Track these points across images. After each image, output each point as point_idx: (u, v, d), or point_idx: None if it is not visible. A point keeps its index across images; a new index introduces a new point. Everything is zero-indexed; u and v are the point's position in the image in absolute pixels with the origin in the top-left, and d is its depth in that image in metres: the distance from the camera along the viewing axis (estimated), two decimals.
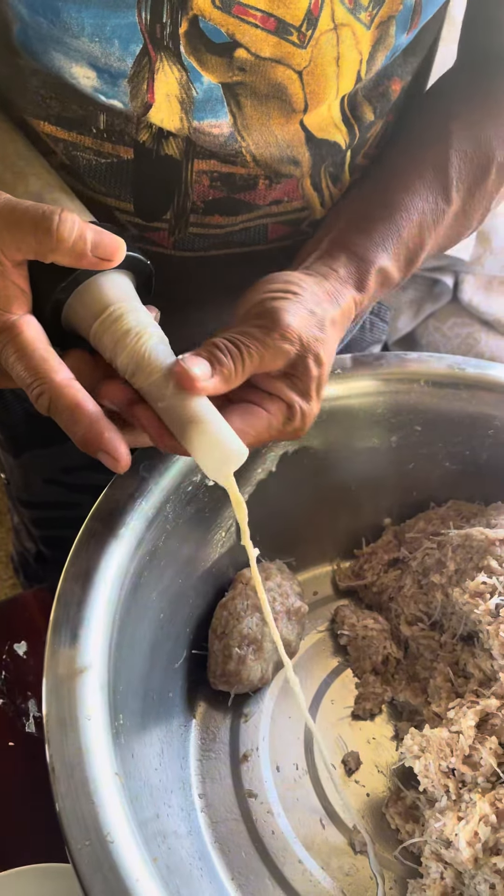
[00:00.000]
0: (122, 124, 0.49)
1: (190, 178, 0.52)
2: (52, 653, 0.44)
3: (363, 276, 0.50)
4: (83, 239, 0.40)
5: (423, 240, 0.54)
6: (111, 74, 0.46)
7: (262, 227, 0.57)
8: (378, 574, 0.64)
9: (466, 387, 0.62)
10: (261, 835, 0.52)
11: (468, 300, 1.48)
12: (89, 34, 0.44)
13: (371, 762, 0.56)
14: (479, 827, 0.46)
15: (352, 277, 0.50)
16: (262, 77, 0.47)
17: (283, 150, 0.51)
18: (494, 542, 0.57)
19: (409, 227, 0.53)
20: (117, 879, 0.36)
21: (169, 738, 0.53)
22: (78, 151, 0.51)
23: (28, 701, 0.61)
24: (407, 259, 0.54)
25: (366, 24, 0.47)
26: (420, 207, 0.53)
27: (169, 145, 0.50)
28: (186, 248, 0.57)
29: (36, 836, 0.54)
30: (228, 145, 0.50)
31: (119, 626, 0.47)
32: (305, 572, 0.66)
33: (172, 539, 0.54)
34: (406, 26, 0.48)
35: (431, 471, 0.66)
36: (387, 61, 0.50)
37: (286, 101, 0.48)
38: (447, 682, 0.56)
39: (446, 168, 0.54)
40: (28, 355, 0.40)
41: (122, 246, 0.42)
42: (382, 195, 0.54)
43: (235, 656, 0.55)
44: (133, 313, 0.43)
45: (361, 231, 0.52)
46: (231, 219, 0.55)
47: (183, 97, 0.47)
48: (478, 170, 0.55)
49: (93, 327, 0.43)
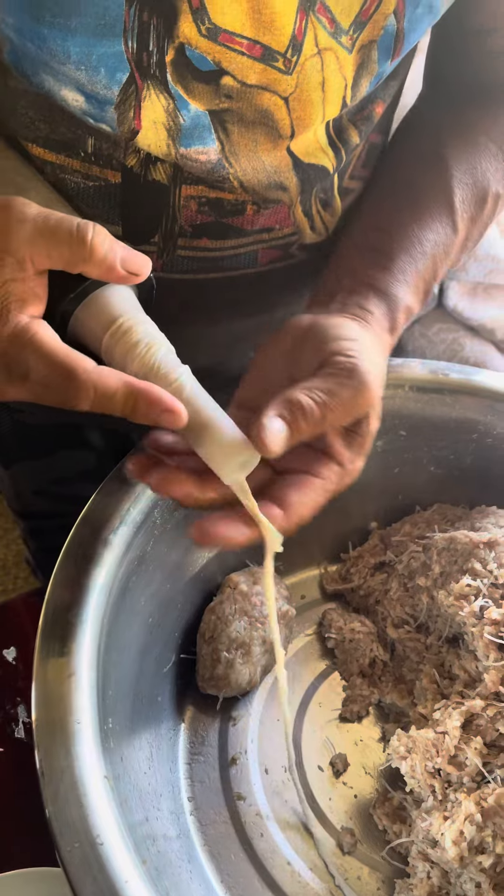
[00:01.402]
0: (109, 148, 0.50)
1: (178, 203, 0.52)
2: (42, 658, 0.44)
3: (395, 317, 0.51)
4: (114, 252, 0.40)
5: (437, 271, 0.55)
6: (98, 101, 0.46)
7: (252, 253, 0.57)
8: (365, 577, 0.65)
9: (450, 392, 0.63)
10: (249, 837, 0.53)
11: (453, 306, 1.49)
12: (75, 62, 0.44)
13: (358, 764, 0.57)
14: (465, 826, 0.47)
15: (387, 320, 0.50)
16: (248, 104, 0.47)
17: (270, 176, 0.52)
18: (478, 545, 0.58)
19: (424, 261, 0.53)
20: (107, 881, 0.37)
21: (158, 742, 0.53)
22: (66, 174, 0.52)
23: (17, 707, 0.61)
24: (424, 292, 0.54)
25: (347, 47, 0.47)
26: (433, 240, 0.54)
27: (157, 170, 0.50)
28: (175, 271, 0.57)
29: (25, 840, 0.54)
30: (216, 171, 0.50)
31: (108, 631, 0.47)
32: (293, 576, 0.67)
33: (160, 544, 0.54)
34: (389, 53, 0.49)
35: (416, 475, 0.66)
36: (371, 88, 0.51)
37: (273, 127, 0.49)
38: (433, 683, 0.56)
39: (451, 200, 0.55)
40: (49, 353, 0.39)
41: (149, 263, 0.42)
42: (395, 230, 0.54)
43: (224, 660, 0.56)
44: (141, 325, 0.43)
45: (382, 267, 0.52)
46: (219, 242, 0.55)
47: (170, 124, 0.47)
48: (477, 200, 0.56)
49: (104, 339, 0.43)
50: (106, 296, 0.44)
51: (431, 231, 0.54)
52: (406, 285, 0.52)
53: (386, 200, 0.56)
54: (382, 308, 0.50)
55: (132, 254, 0.41)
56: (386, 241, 0.53)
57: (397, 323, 0.51)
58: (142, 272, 0.42)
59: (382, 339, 0.49)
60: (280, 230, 0.56)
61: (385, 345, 0.50)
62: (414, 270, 0.53)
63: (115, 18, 0.42)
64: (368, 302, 0.50)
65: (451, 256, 0.56)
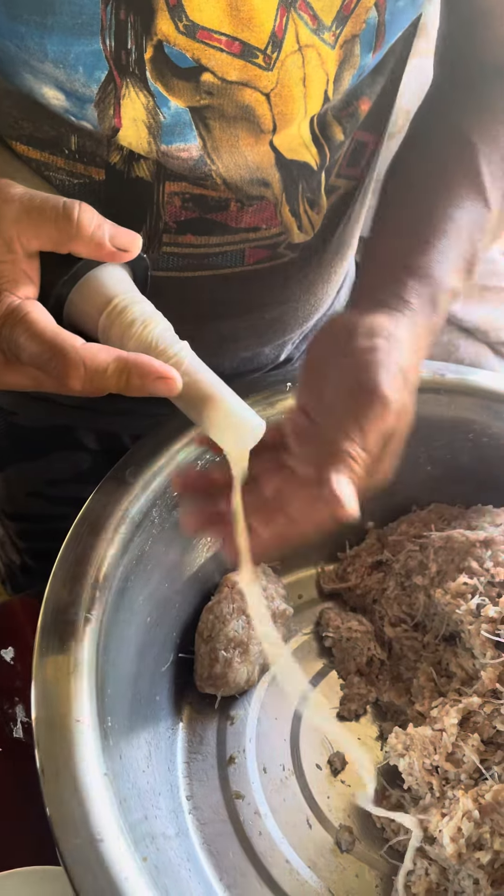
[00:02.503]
0: (93, 146, 0.50)
1: (162, 200, 0.52)
2: (41, 656, 0.44)
3: (436, 299, 0.50)
4: (102, 228, 0.40)
5: (476, 249, 0.54)
6: (78, 98, 0.46)
7: (239, 252, 0.57)
8: (362, 577, 0.65)
9: (446, 392, 0.64)
10: (248, 836, 0.53)
11: None
12: (53, 60, 0.44)
13: (357, 762, 0.57)
14: (463, 823, 0.47)
15: (428, 305, 0.50)
16: (229, 100, 0.47)
17: (252, 173, 0.52)
18: (475, 544, 0.58)
19: (461, 239, 0.53)
20: (107, 878, 0.37)
21: (156, 741, 0.53)
22: (50, 172, 0.52)
23: (15, 707, 0.61)
24: (466, 271, 0.54)
25: (330, 43, 0.47)
26: (466, 218, 0.54)
27: (140, 167, 0.50)
28: (161, 268, 0.57)
29: (24, 839, 0.54)
30: (198, 168, 0.50)
31: (107, 630, 0.47)
32: (290, 576, 0.67)
33: (159, 544, 0.54)
34: (371, 46, 0.49)
35: (413, 475, 0.67)
36: (354, 81, 0.51)
37: (254, 122, 0.49)
38: (430, 681, 0.57)
39: (479, 175, 0.55)
40: (40, 332, 0.39)
41: (139, 239, 0.42)
42: (429, 211, 0.54)
43: (222, 659, 0.56)
44: (137, 304, 0.43)
45: (419, 251, 0.52)
46: (204, 239, 0.55)
47: (150, 122, 0.47)
48: None
49: (100, 321, 0.43)
50: (100, 277, 0.44)
51: (464, 210, 0.54)
52: (447, 265, 0.51)
53: (415, 185, 0.56)
54: (423, 294, 0.50)
55: (121, 230, 0.41)
56: (420, 225, 0.53)
57: (440, 306, 0.50)
58: (132, 248, 0.42)
59: (424, 326, 0.49)
60: (267, 229, 0.56)
61: (426, 332, 0.49)
62: (453, 250, 0.52)
63: (92, 17, 0.42)
64: (407, 290, 0.50)
65: (488, 233, 0.56)
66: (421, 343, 0.49)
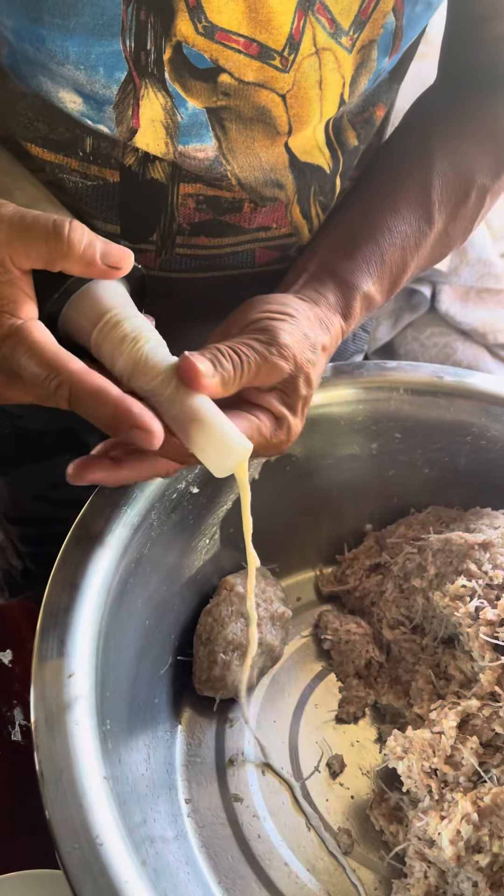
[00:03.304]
0: (108, 148, 0.50)
1: (176, 201, 0.53)
2: (40, 659, 0.44)
3: (349, 303, 0.52)
4: (93, 246, 0.40)
5: (406, 263, 0.55)
6: (96, 101, 0.47)
7: (250, 252, 0.57)
8: (360, 579, 0.65)
9: (445, 395, 0.64)
10: (247, 838, 0.53)
11: (445, 310, 1.50)
12: (74, 62, 0.44)
13: (355, 765, 0.57)
14: (462, 825, 0.47)
15: (339, 305, 0.52)
16: (246, 101, 0.47)
17: (266, 174, 0.52)
18: (473, 546, 0.58)
19: (391, 251, 0.54)
20: (107, 882, 0.37)
21: (155, 744, 0.53)
22: (64, 174, 0.52)
23: (13, 709, 0.61)
24: (390, 282, 0.55)
25: (347, 48, 0.48)
26: (403, 230, 0.54)
27: (155, 169, 0.51)
28: (173, 269, 0.57)
29: (22, 843, 0.54)
30: (214, 169, 0.51)
31: (105, 633, 0.47)
32: (289, 578, 0.67)
33: (157, 546, 0.54)
34: (387, 50, 0.50)
35: (411, 477, 0.67)
36: (370, 85, 0.51)
37: (270, 124, 0.49)
38: (429, 684, 0.57)
39: (429, 191, 0.55)
40: (40, 351, 0.39)
41: (130, 256, 0.42)
42: (366, 217, 0.55)
43: (220, 662, 0.56)
44: (130, 319, 0.43)
45: (346, 255, 0.53)
46: (217, 240, 0.56)
47: (168, 122, 0.48)
48: (459, 192, 0.57)
49: (92, 335, 0.43)
50: (94, 291, 0.44)
51: (404, 222, 0.55)
52: (367, 274, 0.53)
53: (366, 190, 0.57)
54: (338, 294, 0.52)
55: (112, 247, 0.41)
56: (356, 229, 0.54)
57: (352, 311, 0.52)
58: (122, 265, 0.42)
59: (330, 320, 0.50)
60: (277, 229, 0.57)
61: (334, 325, 0.51)
62: (379, 261, 0.53)
63: (113, 18, 0.43)
64: (324, 287, 0.52)
65: (426, 250, 0.56)
66: (330, 328, 0.50)
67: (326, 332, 0.50)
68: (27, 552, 0.85)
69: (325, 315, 0.50)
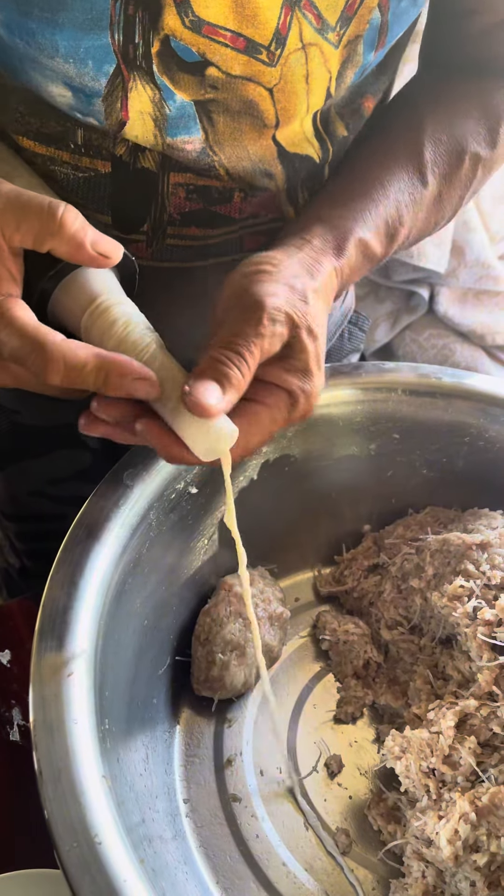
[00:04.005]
0: (99, 139, 0.50)
1: (166, 191, 0.53)
2: (39, 658, 0.44)
3: (341, 242, 0.50)
4: (84, 230, 0.41)
5: (402, 216, 0.54)
6: (86, 94, 0.47)
7: (237, 239, 0.58)
8: (358, 580, 0.65)
9: (443, 396, 0.64)
10: (245, 838, 0.53)
11: (443, 312, 1.51)
12: (63, 55, 0.45)
13: (353, 765, 0.57)
14: (460, 825, 0.47)
15: (328, 244, 0.49)
16: (233, 94, 0.48)
17: (255, 164, 0.53)
18: (471, 547, 0.58)
19: (385, 203, 0.53)
20: (105, 880, 0.37)
21: (153, 744, 0.53)
22: (56, 166, 0.52)
23: (12, 709, 0.61)
24: (387, 233, 0.53)
25: (334, 43, 0.48)
26: (396, 186, 0.54)
27: (145, 158, 0.51)
28: (164, 259, 0.58)
29: (20, 842, 0.54)
30: (201, 160, 0.51)
31: (104, 633, 0.47)
32: (287, 579, 0.67)
33: (156, 547, 0.54)
34: (373, 45, 0.50)
35: (409, 478, 0.67)
36: (356, 79, 0.52)
37: (258, 117, 0.50)
38: (427, 684, 0.57)
39: (421, 152, 0.55)
40: (21, 327, 0.39)
41: (120, 248, 0.43)
42: (357, 173, 0.54)
43: (219, 662, 0.56)
44: (119, 305, 0.44)
45: (338, 204, 0.52)
46: (208, 231, 0.56)
47: (156, 114, 0.48)
48: (452, 157, 0.56)
49: (82, 319, 0.44)
50: (85, 276, 0.44)
51: (397, 178, 0.54)
52: (363, 221, 0.51)
53: (356, 159, 0.57)
54: (327, 237, 0.49)
55: (103, 237, 0.42)
56: (347, 186, 0.53)
57: (344, 249, 0.50)
58: (112, 255, 0.42)
59: (318, 260, 0.48)
60: (265, 216, 0.57)
61: (323, 266, 0.48)
62: (374, 210, 0.52)
63: (102, 12, 0.43)
64: (311, 233, 0.49)
65: (422, 210, 0.55)
66: (318, 270, 0.48)
67: (315, 275, 0.47)
68: (24, 549, 0.85)
69: (310, 258, 0.48)
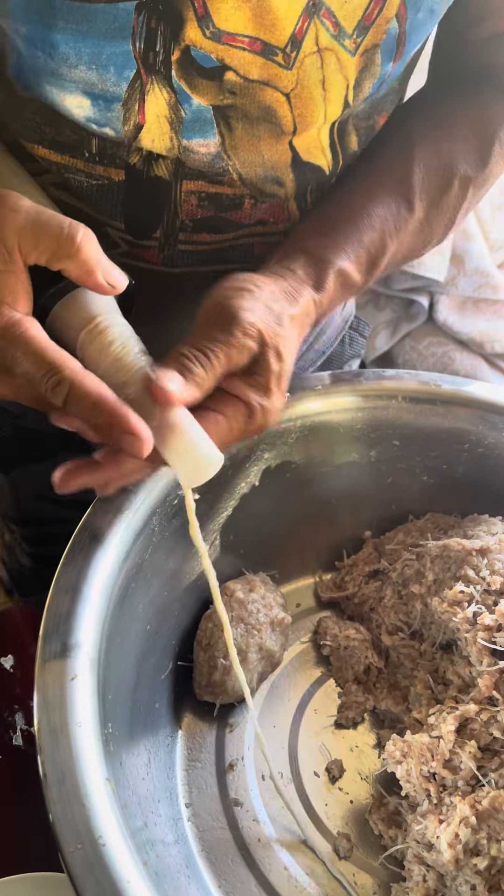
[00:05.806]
0: (113, 148, 0.51)
1: (179, 198, 0.54)
2: (43, 662, 0.45)
3: (321, 275, 0.51)
4: (98, 258, 0.42)
5: (385, 244, 0.55)
6: (105, 100, 0.48)
7: (248, 245, 0.59)
8: (359, 585, 0.65)
9: (442, 403, 0.64)
10: (247, 843, 0.53)
11: (443, 320, 1.51)
12: (86, 62, 0.46)
13: (354, 770, 0.57)
14: (460, 829, 0.48)
15: (310, 277, 0.51)
16: (251, 100, 0.49)
17: (267, 171, 0.53)
18: (471, 552, 0.59)
19: (369, 232, 0.54)
20: (109, 882, 0.37)
21: (156, 748, 0.54)
22: (70, 174, 0.53)
23: (15, 714, 0.61)
24: (368, 263, 0.54)
25: (350, 50, 0.49)
26: (381, 213, 0.54)
27: (158, 167, 0.52)
28: (175, 265, 0.58)
29: (23, 846, 0.54)
30: (215, 164, 0.52)
31: (107, 637, 0.48)
32: (288, 584, 0.68)
33: (159, 552, 0.55)
34: (391, 56, 0.51)
35: (410, 484, 0.67)
36: (374, 90, 0.52)
37: (276, 123, 0.50)
38: (427, 689, 0.57)
39: (409, 178, 0.56)
40: (40, 349, 0.40)
41: (126, 278, 0.44)
42: (344, 199, 0.55)
43: (220, 667, 0.56)
44: (117, 326, 0.45)
45: (321, 234, 0.53)
46: (218, 236, 0.57)
47: (172, 117, 0.49)
48: (441, 181, 0.57)
49: (80, 336, 0.44)
50: (86, 295, 0.45)
51: (383, 206, 0.55)
52: (343, 252, 0.52)
53: (346, 179, 0.57)
54: (308, 269, 0.51)
55: (113, 266, 0.43)
56: (332, 212, 0.54)
57: (324, 283, 0.51)
58: (118, 286, 0.43)
59: (298, 290, 0.49)
60: (274, 224, 0.58)
61: (302, 296, 0.49)
62: (356, 239, 0.53)
63: (125, 24, 0.45)
64: (294, 263, 0.51)
65: (406, 235, 0.56)
66: (297, 300, 0.49)
67: (294, 303, 0.49)
68: (31, 552, 0.86)
69: (291, 287, 0.49)
